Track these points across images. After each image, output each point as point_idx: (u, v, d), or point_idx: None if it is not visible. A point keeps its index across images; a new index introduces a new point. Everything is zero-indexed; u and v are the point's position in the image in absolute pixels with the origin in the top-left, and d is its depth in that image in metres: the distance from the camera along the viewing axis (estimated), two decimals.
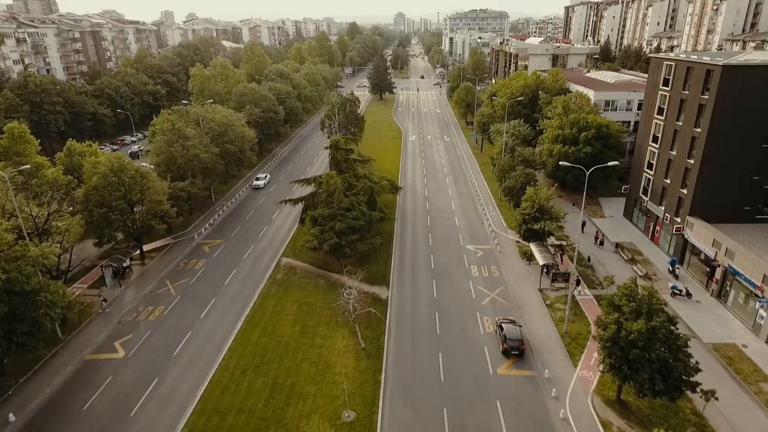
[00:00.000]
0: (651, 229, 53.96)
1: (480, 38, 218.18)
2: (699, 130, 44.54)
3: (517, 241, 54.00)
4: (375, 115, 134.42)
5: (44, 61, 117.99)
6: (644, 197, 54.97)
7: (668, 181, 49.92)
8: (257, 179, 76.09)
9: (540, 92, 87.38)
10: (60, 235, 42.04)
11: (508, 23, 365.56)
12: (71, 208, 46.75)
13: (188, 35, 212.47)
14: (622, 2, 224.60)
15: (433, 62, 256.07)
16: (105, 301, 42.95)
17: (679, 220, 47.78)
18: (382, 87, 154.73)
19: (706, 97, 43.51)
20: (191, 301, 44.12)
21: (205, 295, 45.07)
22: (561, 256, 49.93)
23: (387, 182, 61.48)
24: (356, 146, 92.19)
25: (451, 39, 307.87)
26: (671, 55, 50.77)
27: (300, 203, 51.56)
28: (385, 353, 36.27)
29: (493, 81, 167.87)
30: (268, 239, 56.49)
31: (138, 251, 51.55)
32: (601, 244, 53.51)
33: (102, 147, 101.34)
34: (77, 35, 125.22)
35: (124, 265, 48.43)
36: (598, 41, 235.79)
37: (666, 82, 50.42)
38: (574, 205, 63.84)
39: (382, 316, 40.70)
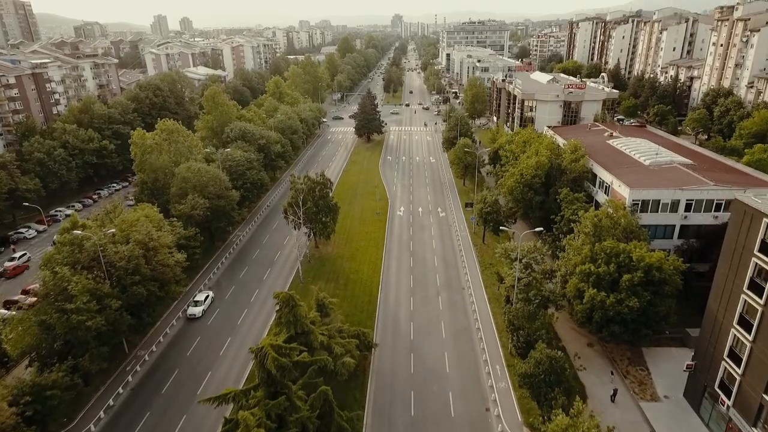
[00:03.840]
0: None
1: (479, 61, 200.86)
2: None
3: None
4: (359, 167, 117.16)
5: None
6: (722, 395, 37.91)
7: None
8: (194, 303, 58.77)
9: (557, 161, 70.89)
10: None
11: (507, 36, 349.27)
12: None
13: (162, 61, 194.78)
14: (633, 21, 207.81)
15: (429, 83, 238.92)
16: None
17: None
18: (369, 129, 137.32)
19: None
20: None
21: None
22: None
23: (355, 349, 44.29)
24: (328, 249, 75.23)
25: (448, 55, 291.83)
26: None
27: None
28: None
29: (495, 120, 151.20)
30: None
31: None
32: None
33: (24, 228, 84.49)
34: (12, 80, 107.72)
35: None
36: (606, 62, 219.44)
37: (766, 248, 33.41)
38: (613, 374, 46.67)
39: None
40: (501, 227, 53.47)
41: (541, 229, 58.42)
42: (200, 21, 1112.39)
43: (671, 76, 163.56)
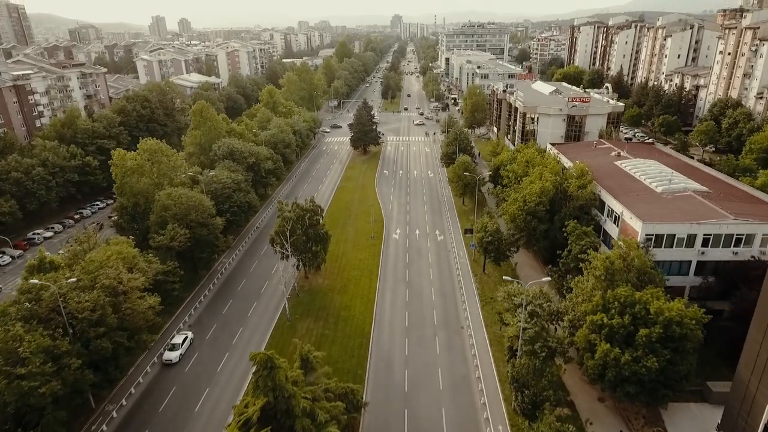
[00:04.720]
0: None
1: (479, 68, 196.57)
2: None
3: None
4: (354, 183, 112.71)
5: None
6: None
7: None
8: (171, 347, 54.24)
9: (562, 186, 66.57)
10: None
11: (507, 39, 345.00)
12: None
13: (154, 68, 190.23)
14: (636, 27, 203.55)
15: (428, 89, 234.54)
16: None
17: None
18: (366, 141, 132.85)
19: None
20: None
21: None
22: None
23: (343, 412, 39.83)
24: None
25: (447, 59, 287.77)
26: None
27: None
28: None
29: (495, 130, 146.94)
30: None
31: None
32: None
33: None
34: None
35: None
36: (609, 68, 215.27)
37: None
38: None
39: None
40: (505, 278, 49.05)
41: (549, 279, 54.10)
42: (199, 21, 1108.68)
43: (676, 84, 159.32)
